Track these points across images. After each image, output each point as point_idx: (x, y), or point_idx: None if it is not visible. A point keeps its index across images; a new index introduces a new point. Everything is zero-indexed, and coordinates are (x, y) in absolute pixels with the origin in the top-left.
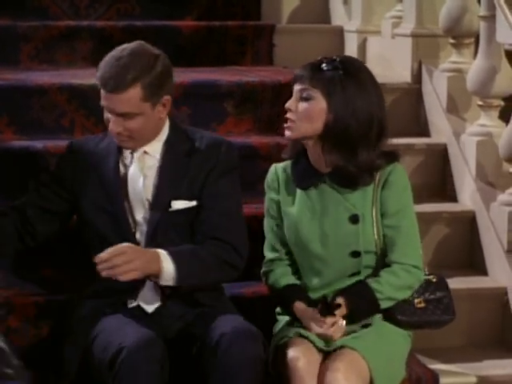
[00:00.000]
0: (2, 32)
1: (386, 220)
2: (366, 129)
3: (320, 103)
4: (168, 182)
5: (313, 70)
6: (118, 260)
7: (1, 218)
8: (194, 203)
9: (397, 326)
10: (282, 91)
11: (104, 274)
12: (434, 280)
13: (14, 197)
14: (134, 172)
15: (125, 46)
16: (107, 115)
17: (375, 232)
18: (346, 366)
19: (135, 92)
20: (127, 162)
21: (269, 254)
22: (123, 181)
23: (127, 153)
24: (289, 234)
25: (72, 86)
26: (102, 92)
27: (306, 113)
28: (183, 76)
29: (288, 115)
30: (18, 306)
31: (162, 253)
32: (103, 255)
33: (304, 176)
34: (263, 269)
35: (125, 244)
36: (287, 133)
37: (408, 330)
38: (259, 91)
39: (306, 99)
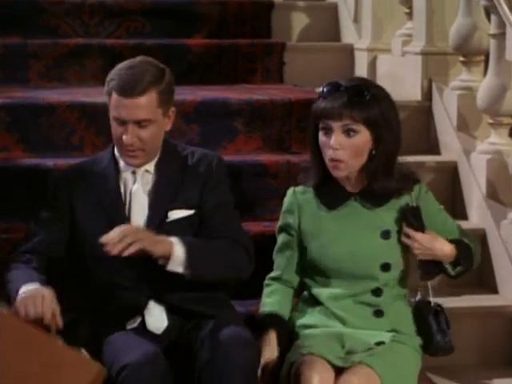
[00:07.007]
0: (11, 50)
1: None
2: (400, 139)
3: (365, 135)
4: (164, 196)
5: (349, 105)
6: (118, 234)
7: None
8: (191, 212)
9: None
10: (292, 109)
11: (109, 250)
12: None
13: (23, 215)
14: (138, 192)
15: (130, 60)
16: (118, 129)
17: (403, 250)
18: (360, 380)
19: (152, 97)
20: (129, 182)
21: (272, 273)
22: (124, 201)
23: (128, 173)
24: (315, 258)
25: (82, 104)
26: (117, 99)
27: (355, 148)
28: (193, 94)
29: (337, 155)
30: None
31: (173, 238)
32: (108, 236)
33: (333, 197)
34: (265, 281)
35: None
36: (338, 173)
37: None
38: (269, 109)
39: (352, 135)
